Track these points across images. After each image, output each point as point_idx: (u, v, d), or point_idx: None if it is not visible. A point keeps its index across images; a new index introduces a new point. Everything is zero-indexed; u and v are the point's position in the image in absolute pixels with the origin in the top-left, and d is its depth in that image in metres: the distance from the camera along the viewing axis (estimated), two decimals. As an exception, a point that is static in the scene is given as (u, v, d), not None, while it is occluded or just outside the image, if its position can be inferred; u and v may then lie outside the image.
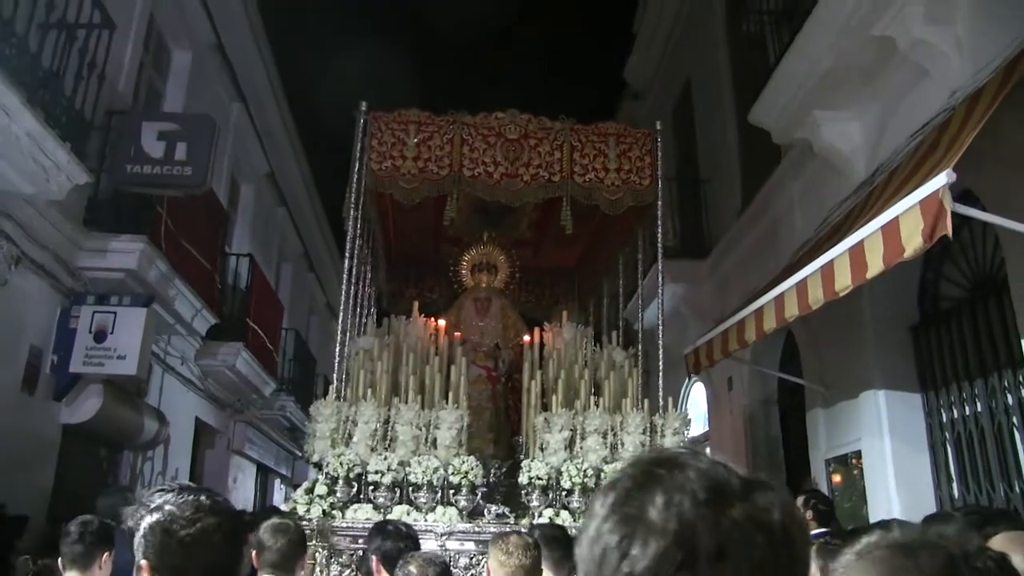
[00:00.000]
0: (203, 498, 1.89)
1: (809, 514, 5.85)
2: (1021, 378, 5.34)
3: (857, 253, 4.74)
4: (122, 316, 7.50)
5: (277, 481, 16.79)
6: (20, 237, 6.67)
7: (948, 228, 3.89)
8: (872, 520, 6.70)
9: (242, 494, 13.78)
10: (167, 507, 1.86)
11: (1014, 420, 5.58)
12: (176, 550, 1.80)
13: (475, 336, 7.72)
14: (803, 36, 6.74)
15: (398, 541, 3.74)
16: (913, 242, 4.14)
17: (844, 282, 4.89)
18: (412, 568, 3.03)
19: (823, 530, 5.60)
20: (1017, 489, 5.52)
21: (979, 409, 6.00)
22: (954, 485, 6.31)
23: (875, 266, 4.53)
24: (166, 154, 7.63)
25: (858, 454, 7.09)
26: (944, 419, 6.46)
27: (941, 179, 4.02)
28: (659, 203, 6.89)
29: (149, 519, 1.84)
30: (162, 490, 1.92)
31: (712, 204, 11.32)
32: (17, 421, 6.86)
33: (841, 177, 7.24)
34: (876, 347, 6.89)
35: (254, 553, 3.53)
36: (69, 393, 7.52)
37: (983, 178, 5.42)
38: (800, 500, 6.23)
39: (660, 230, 6.93)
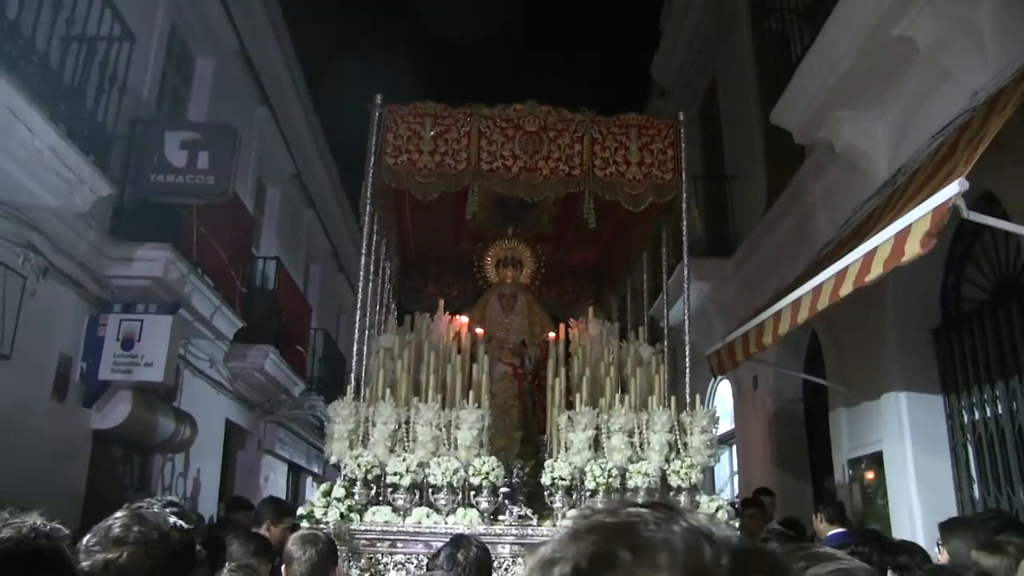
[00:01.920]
0: (117, 525, 1.71)
1: (820, 518, 5.94)
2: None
3: (869, 259, 4.72)
4: (148, 323, 7.62)
5: (309, 479, 16.97)
6: (47, 248, 6.79)
7: (931, 242, 3.91)
8: (894, 521, 6.69)
9: (274, 493, 13.94)
10: (91, 534, 1.73)
11: (1035, 423, 5.52)
12: None
13: (500, 333, 7.54)
14: (824, 36, 6.68)
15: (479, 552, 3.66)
16: (913, 248, 4.13)
17: (848, 287, 4.88)
18: (457, 555, 3.09)
19: (839, 530, 5.62)
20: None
21: (1000, 411, 5.94)
22: (975, 487, 6.26)
23: (876, 270, 4.53)
24: (188, 163, 7.73)
25: (878, 455, 7.04)
26: (965, 421, 6.41)
27: (954, 187, 4.00)
28: (683, 196, 6.68)
29: (80, 545, 1.69)
30: (140, 505, 1.82)
31: (738, 202, 11.26)
32: (49, 428, 7.00)
33: (863, 177, 7.19)
34: (898, 349, 6.84)
35: (284, 566, 3.50)
36: (99, 400, 7.67)
37: (1004, 180, 5.38)
38: (813, 510, 6.34)
39: (685, 224, 6.74)
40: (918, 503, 6.46)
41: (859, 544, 3.96)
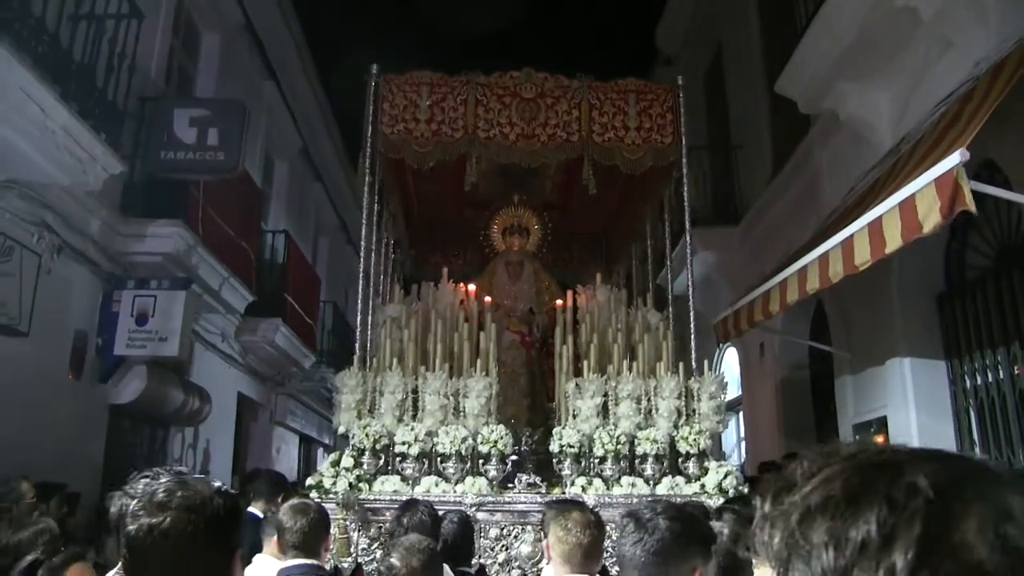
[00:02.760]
0: (161, 491, 1.68)
1: None
2: (1042, 347, 5.35)
3: (876, 229, 4.78)
4: (162, 299, 7.75)
5: (320, 450, 17.18)
6: (60, 226, 6.91)
7: (970, 205, 3.93)
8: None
9: (286, 464, 14.14)
10: (130, 499, 1.71)
11: (1035, 388, 5.60)
12: (130, 550, 1.66)
13: (508, 301, 7.52)
14: (827, 7, 6.69)
15: (424, 517, 3.72)
16: (931, 219, 4.19)
17: (864, 257, 4.94)
18: (394, 560, 2.87)
19: None
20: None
21: (1002, 376, 6.02)
22: (977, 451, 6.34)
23: (893, 241, 4.58)
24: (198, 140, 7.81)
25: (884, 420, 7.14)
26: (968, 386, 6.48)
27: (955, 158, 4.05)
28: (684, 161, 6.67)
29: (112, 508, 1.76)
30: (147, 477, 1.75)
31: (743, 171, 11.27)
32: (66, 403, 7.15)
33: (868, 146, 7.21)
34: (902, 316, 6.91)
35: (275, 537, 3.51)
36: (114, 375, 7.82)
37: (1006, 149, 5.41)
38: None
39: (686, 189, 6.73)
40: (922, 467, 6.55)
41: None
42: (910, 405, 6.74)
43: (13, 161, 5.85)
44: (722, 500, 5.37)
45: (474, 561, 4.83)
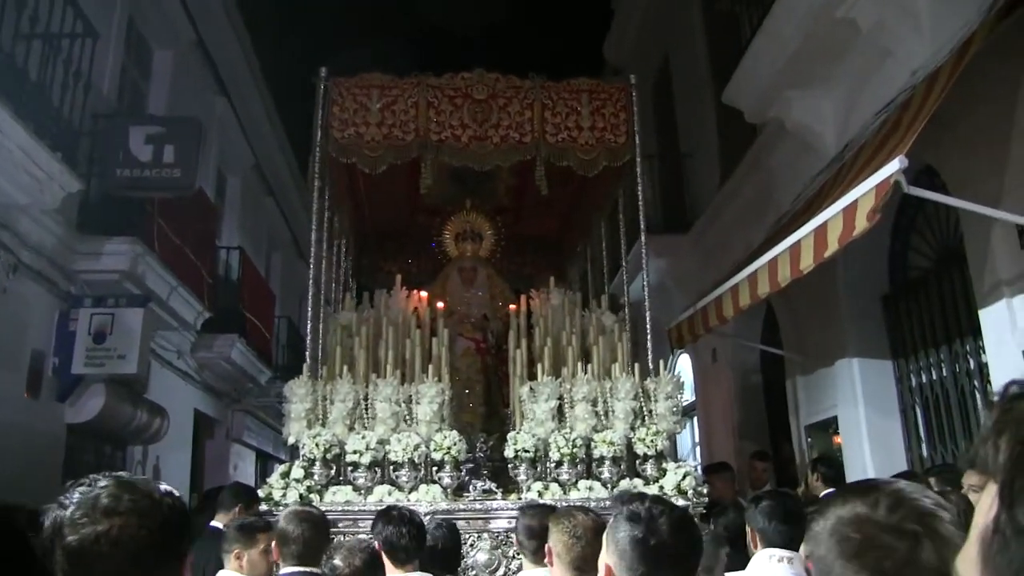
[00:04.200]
0: (105, 495, 1.56)
1: (816, 477, 6.13)
2: (980, 344, 5.59)
3: (821, 233, 4.98)
4: (120, 316, 7.72)
5: (277, 466, 17.01)
6: (16, 245, 6.86)
7: (876, 215, 4.18)
8: (849, 481, 7.00)
9: (243, 480, 14.00)
10: (66, 508, 1.56)
11: (975, 383, 5.86)
12: (71, 564, 1.51)
13: (462, 307, 7.44)
14: (771, 18, 6.89)
15: (400, 526, 3.60)
16: (861, 223, 4.40)
17: (807, 261, 5.14)
18: (337, 560, 2.89)
19: (831, 490, 5.89)
20: (980, 449, 5.81)
21: (945, 374, 6.27)
22: (923, 446, 6.60)
23: (832, 245, 4.78)
24: (154, 157, 7.79)
25: (833, 420, 7.37)
26: (913, 384, 6.73)
27: (894, 164, 4.25)
28: (637, 160, 6.65)
29: (47, 522, 1.54)
30: (82, 484, 1.62)
31: (693, 179, 11.52)
32: (23, 423, 7.07)
33: (813, 153, 7.43)
34: (849, 317, 7.15)
35: (274, 544, 3.42)
36: (72, 394, 7.76)
37: (943, 154, 5.65)
38: (809, 467, 6.55)
39: (640, 189, 6.70)
40: (871, 463, 6.77)
41: None
42: (859, 404, 6.96)
43: (-31, 182, 5.82)
44: (682, 502, 5.43)
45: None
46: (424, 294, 7.32)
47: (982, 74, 4.91)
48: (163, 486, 1.67)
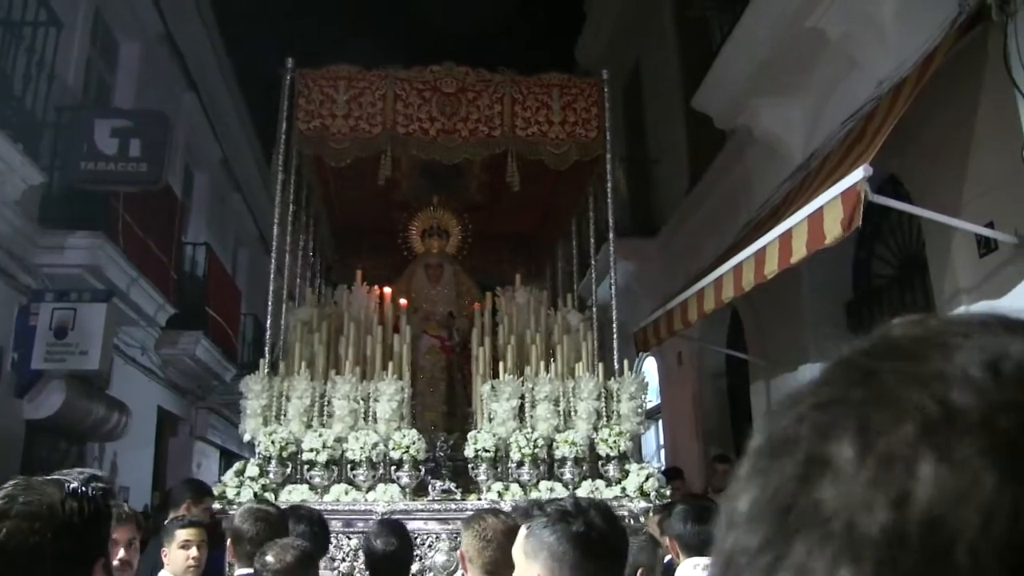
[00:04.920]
0: None
1: (723, 468, 6.19)
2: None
3: (786, 240, 5.04)
4: (83, 312, 7.62)
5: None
6: (-26, 238, 6.75)
7: (859, 220, 4.20)
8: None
9: (207, 478, 13.86)
10: None
11: (935, 391, 5.93)
12: None
13: (427, 304, 7.34)
14: (741, 26, 6.97)
15: (299, 525, 3.53)
16: (834, 231, 4.44)
17: (772, 266, 5.19)
18: (269, 557, 2.88)
19: None
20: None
21: (904, 380, 6.35)
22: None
23: (799, 252, 4.84)
24: (120, 151, 7.69)
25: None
26: (875, 391, 6.80)
27: (859, 173, 4.31)
28: (607, 155, 6.58)
29: None
30: None
31: (661, 183, 11.59)
32: (-19, 419, 6.97)
33: (781, 160, 7.50)
34: (813, 323, 7.22)
35: (229, 543, 3.37)
36: (32, 390, 7.64)
37: (907, 164, 5.74)
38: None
39: (610, 186, 6.62)
40: (831, 467, 6.84)
41: None
42: (821, 409, 7.02)
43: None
44: (643, 504, 5.47)
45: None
46: (388, 290, 7.21)
47: (944, 86, 5.00)
48: (73, 485, 1.54)
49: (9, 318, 7.51)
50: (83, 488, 1.55)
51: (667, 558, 4.20)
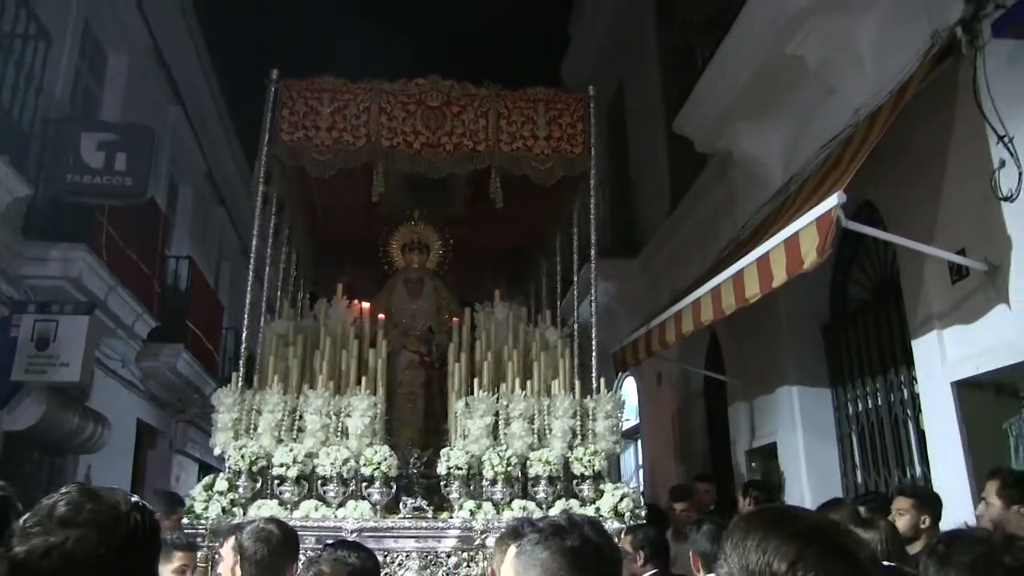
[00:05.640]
0: (63, 503, 1.43)
1: (748, 501, 6.11)
2: (913, 374, 5.77)
3: (764, 264, 5.13)
4: (64, 324, 7.61)
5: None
6: (-43, 248, 6.76)
7: (831, 246, 4.31)
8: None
9: (185, 492, 13.82)
10: (31, 514, 1.45)
11: (908, 412, 6.04)
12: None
13: (406, 319, 7.28)
14: (721, 52, 7.06)
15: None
16: (810, 257, 4.53)
17: (753, 290, 5.28)
18: (324, 568, 2.90)
19: None
20: (909, 475, 5.99)
21: (880, 402, 6.46)
22: (858, 472, 6.76)
23: (779, 276, 4.93)
24: (106, 164, 7.73)
25: (773, 446, 7.52)
26: (851, 412, 6.89)
27: (833, 200, 4.41)
28: (592, 171, 6.59)
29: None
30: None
31: (642, 204, 11.70)
32: (-41, 430, 6.95)
33: (760, 184, 7.59)
34: (791, 345, 7.30)
35: (236, 560, 3.27)
36: (11, 401, 7.62)
37: (882, 191, 5.85)
38: (740, 491, 6.55)
39: (593, 203, 6.66)
40: (808, 488, 6.90)
41: None
42: (798, 431, 7.10)
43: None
44: (617, 525, 5.39)
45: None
46: (367, 305, 7.17)
47: (919, 115, 5.12)
48: (133, 498, 1.52)
49: (-10, 329, 7.51)
50: (142, 502, 1.53)
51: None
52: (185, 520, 5.29)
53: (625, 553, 4.10)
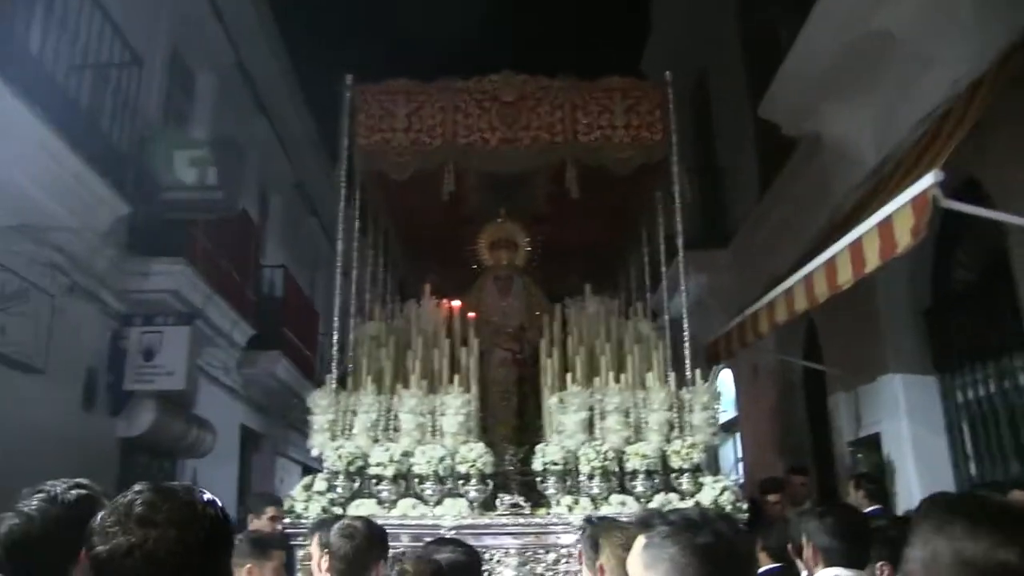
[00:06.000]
0: (140, 502, 1.41)
1: (861, 493, 5.91)
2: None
3: (856, 249, 4.94)
4: (168, 334, 7.96)
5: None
6: (71, 267, 7.12)
7: (926, 228, 4.13)
8: (897, 499, 6.86)
9: (287, 494, 14.18)
10: (107, 512, 1.44)
11: (1026, 399, 5.73)
12: (90, 572, 1.40)
13: (498, 317, 7.24)
14: (806, 31, 6.85)
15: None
16: (904, 240, 4.35)
17: (845, 276, 5.10)
18: (407, 566, 2.89)
19: (877, 507, 5.67)
20: (1030, 466, 5.70)
21: (992, 390, 6.15)
22: (971, 464, 6.46)
23: (872, 261, 4.74)
24: (198, 180, 8.01)
25: (876, 437, 7.26)
26: (960, 400, 6.59)
27: (929, 178, 4.21)
28: (674, 158, 6.45)
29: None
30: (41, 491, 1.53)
31: (731, 193, 11.48)
32: (79, 437, 7.31)
33: (851, 166, 7.34)
34: (890, 332, 7.04)
35: (322, 555, 3.34)
36: (124, 409, 8.03)
37: (988, 166, 5.55)
38: (851, 483, 6.30)
39: (677, 189, 6.47)
40: (916, 480, 6.62)
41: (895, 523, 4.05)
42: (903, 420, 6.82)
43: (27, 207, 6.07)
44: None
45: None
46: (456, 304, 7.22)
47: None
48: (206, 495, 1.52)
49: (103, 342, 7.89)
50: (215, 499, 1.52)
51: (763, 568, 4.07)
52: (287, 520, 5.41)
53: None
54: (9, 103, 5.26)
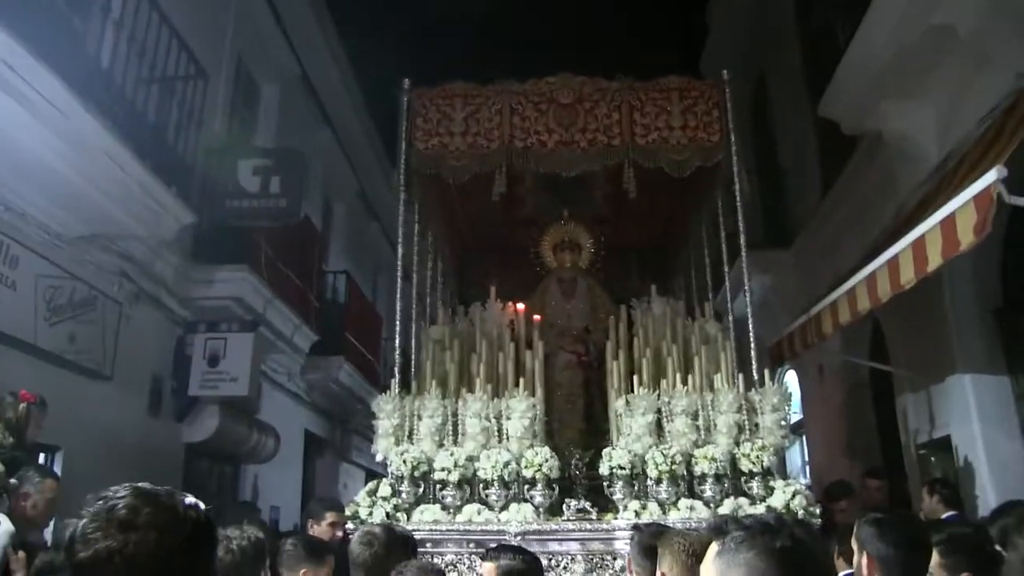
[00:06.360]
0: (121, 506, 1.40)
1: (936, 499, 5.73)
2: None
3: (919, 247, 4.85)
4: (232, 341, 8.14)
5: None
6: (138, 275, 7.34)
7: (990, 225, 4.01)
8: (967, 505, 6.66)
9: (351, 499, 14.35)
10: (88, 518, 1.43)
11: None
12: None
13: (562, 320, 7.20)
14: (864, 28, 6.75)
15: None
16: (967, 237, 4.25)
17: (908, 275, 5.00)
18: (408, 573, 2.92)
19: (953, 512, 5.50)
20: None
21: (1071, 392, 5.94)
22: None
23: (934, 260, 4.65)
24: (261, 188, 8.21)
25: (947, 440, 7.05)
26: (1037, 402, 6.38)
27: (992, 175, 4.12)
28: (734, 158, 6.35)
29: (67, 534, 1.43)
30: (104, 497, 1.46)
31: (793, 194, 11.32)
32: (146, 441, 7.53)
33: (914, 164, 7.21)
34: (959, 332, 6.82)
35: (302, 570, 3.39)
36: (189, 415, 8.22)
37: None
38: (925, 488, 6.10)
39: (738, 188, 6.38)
40: (990, 484, 6.41)
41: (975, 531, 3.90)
42: (974, 423, 6.57)
43: (96, 217, 6.29)
44: None
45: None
46: (520, 306, 7.19)
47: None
48: (188, 498, 1.54)
49: (168, 348, 8.10)
50: (198, 503, 1.53)
51: None
52: (350, 525, 5.38)
53: None
54: (81, 116, 5.45)
